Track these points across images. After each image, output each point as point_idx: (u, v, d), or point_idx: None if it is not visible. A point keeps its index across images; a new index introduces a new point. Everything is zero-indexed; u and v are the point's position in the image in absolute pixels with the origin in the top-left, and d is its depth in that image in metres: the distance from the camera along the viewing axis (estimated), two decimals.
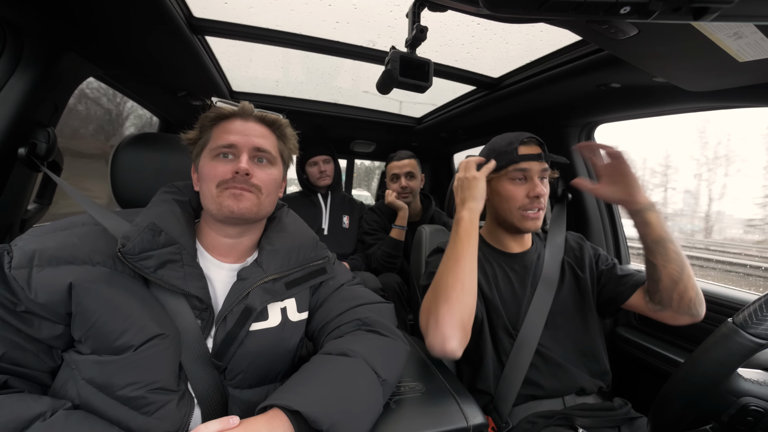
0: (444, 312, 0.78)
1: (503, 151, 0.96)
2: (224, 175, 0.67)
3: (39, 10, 0.81)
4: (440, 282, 0.83)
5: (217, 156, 0.69)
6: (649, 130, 20.69)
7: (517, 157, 0.94)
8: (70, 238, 0.61)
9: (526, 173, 0.94)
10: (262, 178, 0.71)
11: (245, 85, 1.77)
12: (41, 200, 1.09)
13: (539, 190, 0.92)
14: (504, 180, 0.97)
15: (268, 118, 0.75)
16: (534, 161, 0.93)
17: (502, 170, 0.96)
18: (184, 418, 0.60)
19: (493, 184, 1.00)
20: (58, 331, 0.58)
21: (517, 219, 0.96)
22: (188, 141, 0.75)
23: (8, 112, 0.88)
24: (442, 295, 0.80)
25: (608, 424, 0.87)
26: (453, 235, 0.88)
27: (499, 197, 0.99)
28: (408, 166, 1.87)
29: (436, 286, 0.84)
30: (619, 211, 1.55)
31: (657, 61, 0.76)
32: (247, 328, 0.67)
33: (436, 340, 0.78)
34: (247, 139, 0.70)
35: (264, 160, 0.73)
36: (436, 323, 0.78)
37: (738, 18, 0.42)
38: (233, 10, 1.05)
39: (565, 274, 1.01)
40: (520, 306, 0.96)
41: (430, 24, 0.72)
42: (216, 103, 0.72)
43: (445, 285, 0.82)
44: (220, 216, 0.68)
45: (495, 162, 0.95)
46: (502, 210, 0.98)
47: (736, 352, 0.55)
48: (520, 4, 0.39)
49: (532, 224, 0.95)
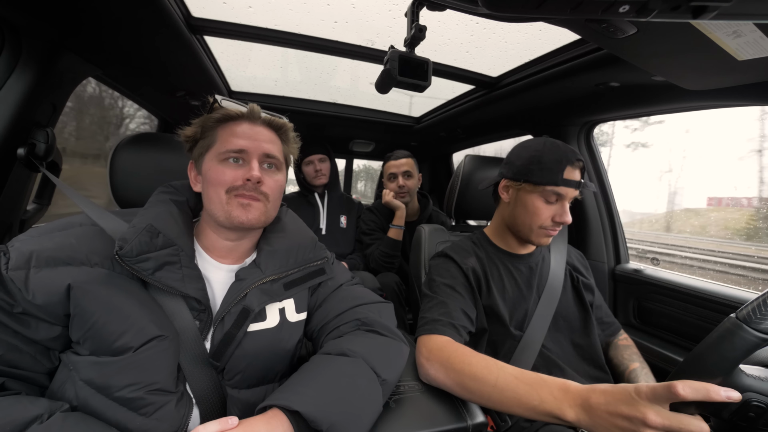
0: (451, 384, 0.73)
1: (549, 168, 0.89)
2: (234, 181, 0.67)
3: (38, 10, 0.81)
4: (469, 372, 0.71)
5: (225, 160, 0.68)
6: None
7: (561, 180, 0.88)
8: (67, 238, 0.61)
9: (560, 198, 0.91)
10: (270, 185, 0.71)
11: (244, 84, 1.77)
12: (40, 200, 1.09)
13: (567, 218, 0.90)
14: (536, 195, 0.92)
15: (276, 122, 0.74)
16: (572, 188, 0.90)
17: (540, 186, 0.90)
18: (183, 419, 0.60)
19: (522, 192, 0.94)
20: (55, 333, 0.58)
21: (535, 235, 0.94)
22: (186, 138, 0.73)
23: (7, 112, 0.87)
24: (463, 380, 0.71)
25: None
26: (537, 398, 0.63)
27: (524, 209, 0.94)
28: (405, 166, 1.87)
29: (465, 368, 0.71)
30: (619, 212, 1.55)
31: (656, 60, 0.76)
32: (245, 329, 0.67)
33: (428, 374, 0.77)
34: (257, 145, 0.69)
35: (272, 166, 0.72)
36: (437, 378, 0.75)
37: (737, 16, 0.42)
38: (232, 9, 1.05)
39: (567, 279, 1.02)
40: (527, 307, 0.96)
41: (429, 23, 0.72)
42: (221, 102, 0.71)
43: (472, 379, 0.70)
44: (227, 224, 0.68)
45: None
46: (522, 222, 0.95)
47: (740, 347, 0.55)
48: (519, 4, 0.39)
49: (545, 241, 0.95)
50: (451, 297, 0.91)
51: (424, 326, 0.85)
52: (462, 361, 0.72)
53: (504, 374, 0.67)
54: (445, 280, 0.95)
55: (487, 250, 1.03)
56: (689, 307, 1.21)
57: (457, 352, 0.75)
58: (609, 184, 1.54)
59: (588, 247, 1.55)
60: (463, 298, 0.91)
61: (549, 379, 0.64)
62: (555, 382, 0.63)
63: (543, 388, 0.63)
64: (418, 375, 0.79)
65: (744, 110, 1.31)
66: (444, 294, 0.92)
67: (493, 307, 0.94)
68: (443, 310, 0.87)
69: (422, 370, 0.78)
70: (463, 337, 0.85)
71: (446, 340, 0.79)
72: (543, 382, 0.64)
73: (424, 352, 0.79)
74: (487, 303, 0.95)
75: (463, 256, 1.00)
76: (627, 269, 1.47)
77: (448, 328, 0.83)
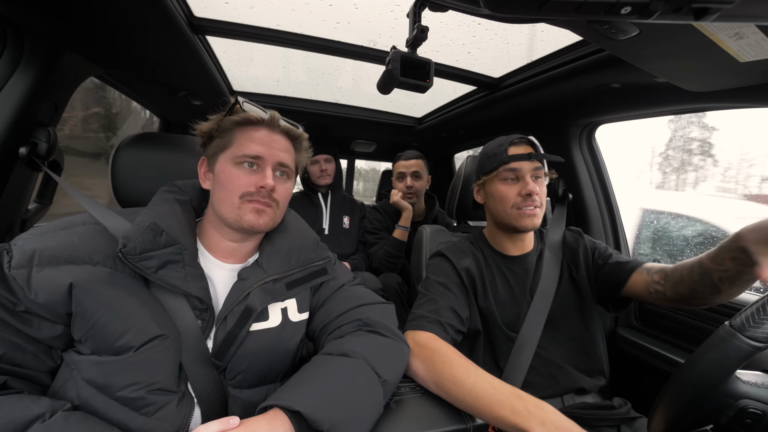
0: (438, 388, 0.72)
1: (494, 153, 0.97)
2: (248, 187, 0.67)
3: (40, 9, 0.81)
4: (449, 373, 0.71)
5: (240, 164, 0.68)
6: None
7: (506, 157, 0.94)
8: (70, 237, 0.61)
9: (517, 173, 0.94)
10: (282, 193, 0.72)
11: (246, 84, 1.76)
12: (42, 200, 1.09)
13: (530, 187, 0.91)
14: (496, 181, 0.97)
15: (294, 133, 0.75)
16: (524, 161, 0.93)
17: (494, 172, 0.96)
18: (185, 419, 0.60)
19: (487, 186, 1.00)
20: (57, 331, 0.58)
21: (513, 218, 0.95)
22: (202, 134, 0.73)
23: (9, 111, 0.88)
24: (441, 379, 0.71)
25: (607, 423, 0.87)
26: (509, 409, 0.62)
27: (493, 199, 0.99)
28: (414, 166, 1.87)
29: (445, 369, 0.72)
30: (620, 211, 1.55)
31: (658, 62, 0.76)
32: (247, 329, 0.67)
33: (409, 368, 0.77)
34: (273, 153, 0.70)
35: (284, 174, 0.73)
36: (417, 373, 0.76)
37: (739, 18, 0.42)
38: (234, 9, 1.05)
39: (563, 275, 1.01)
40: (520, 309, 0.96)
41: (431, 24, 0.72)
42: (243, 104, 0.71)
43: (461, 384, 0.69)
44: (236, 227, 0.69)
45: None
46: (498, 212, 0.98)
47: (733, 355, 0.55)
48: (521, 5, 0.38)
49: (529, 221, 0.93)
50: (442, 295, 0.91)
51: (411, 321, 0.87)
52: (443, 362, 0.73)
53: (482, 382, 0.67)
54: (439, 279, 0.96)
55: (484, 251, 1.04)
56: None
57: (440, 350, 0.76)
58: (610, 184, 1.54)
59: None
60: (455, 297, 0.92)
61: (526, 395, 0.64)
62: (532, 399, 0.63)
63: (518, 401, 0.63)
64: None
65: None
66: (436, 292, 0.93)
67: (487, 309, 0.95)
68: (432, 308, 0.88)
69: (416, 367, 0.78)
70: (449, 335, 0.85)
71: (430, 337, 0.81)
72: (519, 396, 0.64)
73: (410, 346, 0.80)
74: (481, 304, 0.95)
75: (459, 257, 1.01)
76: None
77: (434, 325, 0.84)
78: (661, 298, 0.86)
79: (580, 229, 1.11)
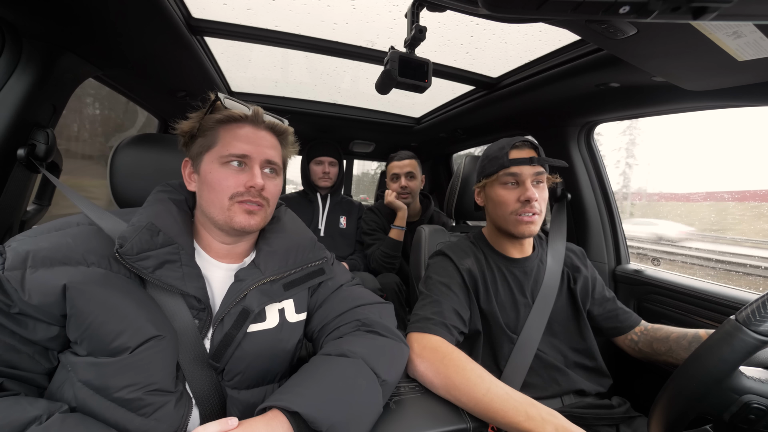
0: (446, 389, 0.72)
1: (495, 156, 0.96)
2: (237, 187, 0.66)
3: (38, 10, 0.81)
4: (462, 377, 0.71)
5: (227, 164, 0.67)
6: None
7: (507, 161, 0.92)
8: (64, 238, 0.61)
9: (518, 177, 0.93)
10: (271, 190, 0.71)
11: (244, 85, 1.76)
12: (40, 201, 1.09)
13: (530, 193, 0.90)
14: (496, 185, 0.96)
15: (279, 128, 0.74)
16: (525, 165, 0.92)
17: (494, 175, 0.96)
18: (183, 419, 0.60)
19: (487, 189, 1.00)
20: (53, 333, 0.58)
21: (511, 224, 0.94)
22: (183, 133, 0.72)
23: (7, 113, 0.87)
24: (454, 383, 0.71)
25: (607, 422, 0.87)
26: (524, 415, 0.64)
27: (492, 203, 0.98)
28: (408, 167, 1.87)
29: (458, 373, 0.72)
30: (619, 212, 1.55)
31: (656, 61, 0.76)
32: (244, 330, 0.67)
33: (416, 370, 0.77)
34: (260, 150, 0.69)
35: (273, 171, 0.72)
36: (425, 376, 0.75)
37: (737, 17, 0.42)
38: (232, 10, 1.05)
39: (563, 284, 1.01)
40: (519, 312, 0.96)
41: (429, 24, 0.72)
42: (224, 101, 0.69)
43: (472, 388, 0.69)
44: (227, 228, 0.68)
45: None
46: (497, 216, 0.98)
47: (739, 349, 0.55)
48: (519, 4, 0.38)
49: (526, 229, 0.92)
50: (445, 296, 0.91)
51: (416, 323, 0.86)
52: (456, 366, 0.73)
53: (496, 387, 0.68)
54: (441, 279, 0.95)
55: (485, 252, 1.04)
56: (690, 307, 1.21)
57: (452, 355, 0.76)
58: (609, 184, 1.54)
59: (588, 247, 1.55)
60: (457, 298, 0.92)
61: (538, 403, 0.66)
62: (544, 407, 0.65)
63: (532, 408, 0.64)
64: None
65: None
66: (438, 293, 0.92)
67: (489, 310, 0.94)
68: (436, 309, 0.88)
69: (411, 366, 0.78)
70: (454, 337, 0.85)
71: (439, 341, 0.80)
72: (532, 403, 0.66)
73: (417, 349, 0.79)
74: (483, 306, 0.95)
75: (461, 257, 1.00)
76: (627, 270, 1.47)
77: (441, 328, 0.84)
78: (631, 348, 1.00)
79: (583, 250, 1.13)
